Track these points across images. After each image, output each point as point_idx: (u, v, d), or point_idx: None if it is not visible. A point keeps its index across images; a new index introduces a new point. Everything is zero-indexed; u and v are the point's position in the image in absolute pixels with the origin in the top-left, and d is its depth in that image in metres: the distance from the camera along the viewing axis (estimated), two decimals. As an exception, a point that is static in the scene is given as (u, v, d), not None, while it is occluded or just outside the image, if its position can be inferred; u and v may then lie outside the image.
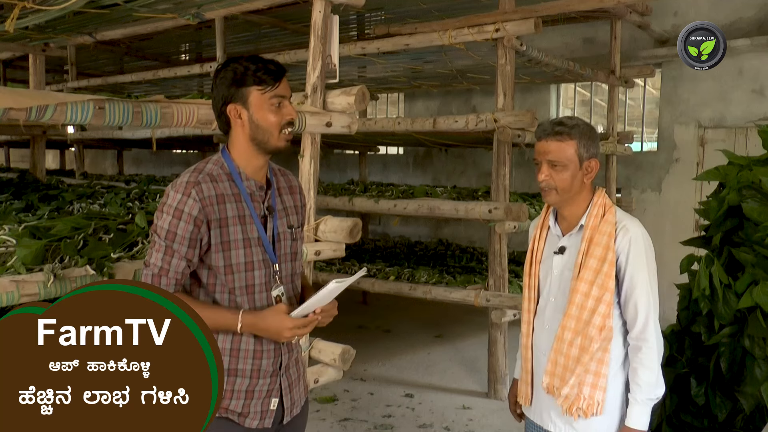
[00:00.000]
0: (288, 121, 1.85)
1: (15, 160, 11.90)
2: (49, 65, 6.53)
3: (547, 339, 2.12)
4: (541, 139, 2.08)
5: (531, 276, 2.21)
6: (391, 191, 6.04)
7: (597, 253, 2.01)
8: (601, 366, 2.01)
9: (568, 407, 2.03)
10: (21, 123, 2.57)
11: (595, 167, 2.07)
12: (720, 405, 2.61)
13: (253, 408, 1.85)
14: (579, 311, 2.02)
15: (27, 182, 5.02)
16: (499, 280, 4.95)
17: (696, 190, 7.01)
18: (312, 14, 3.07)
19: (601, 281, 1.99)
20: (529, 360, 2.19)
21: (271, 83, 1.81)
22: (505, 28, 4.65)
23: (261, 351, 1.84)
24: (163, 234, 1.76)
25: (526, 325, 2.20)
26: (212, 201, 1.78)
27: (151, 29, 5.86)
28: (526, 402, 2.21)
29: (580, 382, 2.01)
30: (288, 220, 1.94)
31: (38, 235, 2.53)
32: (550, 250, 2.17)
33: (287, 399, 1.92)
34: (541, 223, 2.23)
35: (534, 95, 8.43)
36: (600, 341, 1.99)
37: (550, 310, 2.13)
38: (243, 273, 1.82)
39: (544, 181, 2.06)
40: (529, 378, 2.19)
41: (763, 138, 2.85)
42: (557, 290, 2.12)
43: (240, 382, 1.83)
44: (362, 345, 4.77)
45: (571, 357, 2.02)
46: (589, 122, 2.17)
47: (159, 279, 1.76)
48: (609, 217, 2.04)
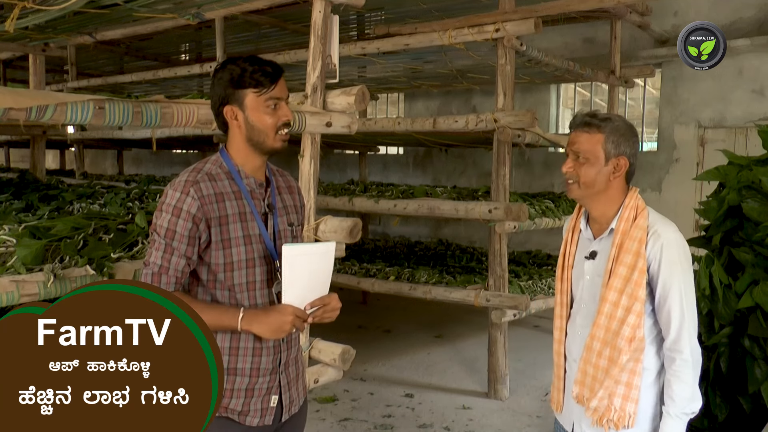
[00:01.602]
0: (284, 123, 1.86)
1: (15, 160, 11.91)
2: (49, 65, 6.53)
3: (578, 346, 2.06)
4: (572, 130, 2.02)
5: (563, 280, 2.13)
6: (391, 191, 6.04)
7: (627, 260, 1.93)
8: (633, 377, 1.93)
9: (597, 419, 1.97)
10: (21, 123, 2.57)
11: (623, 166, 1.97)
12: (720, 405, 2.61)
13: (254, 406, 1.85)
14: (608, 321, 1.94)
15: (27, 182, 5.02)
16: (499, 280, 4.95)
17: (696, 190, 7.02)
18: (312, 14, 3.07)
19: (631, 290, 1.91)
20: (561, 366, 2.13)
21: (268, 85, 1.82)
22: (505, 28, 4.64)
23: (260, 348, 1.84)
24: (163, 232, 1.76)
25: (558, 331, 2.14)
26: (211, 200, 1.79)
27: (151, 29, 5.86)
28: (557, 408, 2.16)
29: (610, 394, 1.94)
30: (288, 218, 1.96)
31: (38, 235, 2.53)
32: (582, 254, 2.09)
33: (286, 397, 1.92)
34: (573, 226, 2.15)
35: (534, 95, 8.43)
36: (630, 352, 1.91)
37: (581, 317, 2.07)
38: (244, 270, 1.82)
39: (567, 173, 2.00)
40: (561, 384, 2.14)
41: (763, 138, 2.85)
42: (589, 297, 2.05)
43: (240, 381, 1.83)
44: (362, 345, 4.77)
45: (600, 368, 1.96)
46: (629, 122, 2.09)
47: (159, 277, 1.76)
48: (640, 222, 1.95)
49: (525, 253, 7.11)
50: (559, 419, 2.19)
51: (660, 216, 2.02)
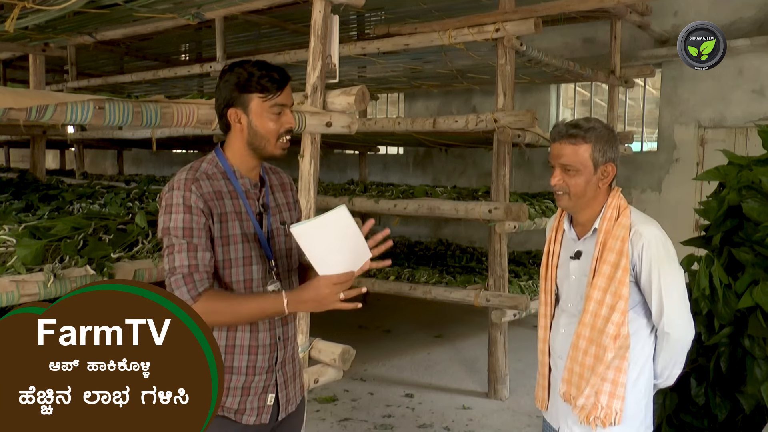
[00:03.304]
0: (286, 129, 1.86)
1: (15, 160, 11.90)
2: (49, 65, 6.53)
3: (562, 344, 2.08)
4: (555, 141, 2.00)
5: (547, 280, 2.15)
6: (391, 191, 6.04)
7: (611, 258, 1.94)
8: (618, 374, 1.95)
9: (585, 417, 1.98)
10: (21, 123, 2.57)
11: (611, 172, 1.98)
12: (720, 405, 2.61)
13: (250, 404, 1.84)
14: (593, 319, 1.96)
15: (27, 182, 5.02)
16: (499, 280, 4.95)
17: (696, 190, 7.02)
18: (312, 14, 3.07)
19: (615, 288, 1.93)
20: (546, 364, 2.15)
21: (274, 91, 1.81)
22: (505, 28, 4.64)
23: (256, 347, 1.84)
24: (180, 233, 1.74)
25: (543, 330, 2.16)
26: (211, 196, 1.79)
27: (151, 29, 5.86)
28: (542, 407, 2.18)
29: (597, 392, 1.96)
30: (281, 217, 1.96)
31: (38, 235, 2.53)
32: (567, 254, 2.10)
33: (282, 395, 1.91)
34: (557, 225, 2.16)
35: (534, 95, 8.43)
36: (615, 350, 1.93)
37: (567, 316, 2.09)
38: (241, 267, 1.82)
39: (556, 185, 1.99)
40: (546, 382, 2.15)
41: (763, 138, 2.84)
42: (575, 296, 2.06)
43: (236, 379, 1.83)
44: (362, 345, 4.77)
45: (586, 366, 1.98)
46: (609, 125, 2.08)
47: (191, 278, 1.73)
48: (623, 220, 1.96)
49: (525, 253, 7.11)
50: (546, 417, 2.21)
51: (642, 214, 2.04)
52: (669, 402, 2.71)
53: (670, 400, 2.70)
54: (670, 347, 1.99)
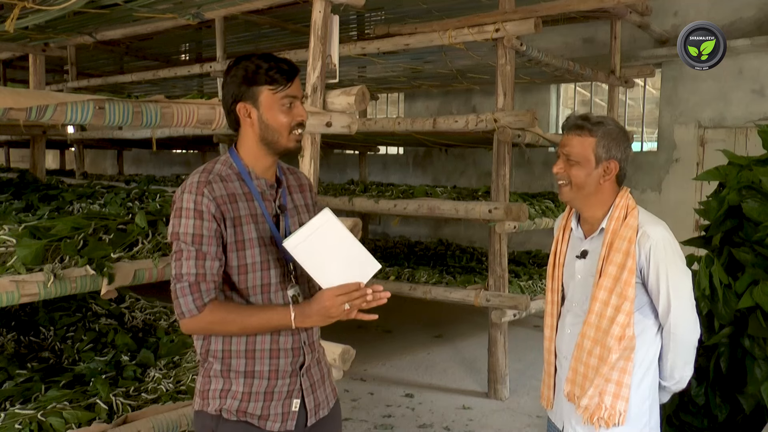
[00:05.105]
0: (298, 122, 1.81)
1: (15, 160, 11.90)
2: (49, 65, 6.52)
3: (568, 344, 2.07)
4: (564, 132, 2.04)
5: (553, 279, 2.15)
6: (391, 191, 6.04)
7: (617, 259, 1.94)
8: (623, 375, 1.95)
9: (588, 417, 1.98)
10: (21, 123, 2.57)
11: (613, 169, 1.98)
12: (720, 405, 2.61)
13: (273, 410, 1.78)
14: (598, 320, 1.96)
15: (27, 182, 5.01)
16: (499, 280, 4.95)
17: (696, 190, 7.02)
18: (312, 14, 3.07)
19: (621, 289, 1.93)
20: (551, 364, 2.15)
21: (283, 83, 1.77)
22: (505, 28, 4.64)
23: (278, 350, 1.79)
24: (189, 239, 1.70)
25: (549, 329, 2.16)
26: (225, 200, 1.74)
27: (151, 29, 5.85)
28: (547, 405, 2.18)
29: (601, 392, 1.96)
30: (299, 219, 1.89)
31: (38, 235, 2.53)
32: (573, 254, 2.10)
33: (309, 400, 1.85)
34: (564, 224, 2.16)
35: (534, 95, 8.43)
36: (620, 351, 1.93)
37: (572, 316, 2.09)
38: (258, 272, 1.77)
39: (557, 174, 2.02)
40: (551, 381, 2.15)
41: (763, 138, 2.84)
42: (580, 296, 2.06)
43: (258, 384, 1.77)
44: (362, 345, 4.77)
45: (590, 366, 1.97)
46: (623, 126, 2.07)
47: (198, 287, 1.69)
48: (630, 221, 1.96)
49: (525, 253, 7.11)
50: (550, 417, 2.21)
51: (650, 215, 2.03)
52: (669, 402, 2.71)
53: (670, 400, 2.70)
54: (677, 347, 1.99)
